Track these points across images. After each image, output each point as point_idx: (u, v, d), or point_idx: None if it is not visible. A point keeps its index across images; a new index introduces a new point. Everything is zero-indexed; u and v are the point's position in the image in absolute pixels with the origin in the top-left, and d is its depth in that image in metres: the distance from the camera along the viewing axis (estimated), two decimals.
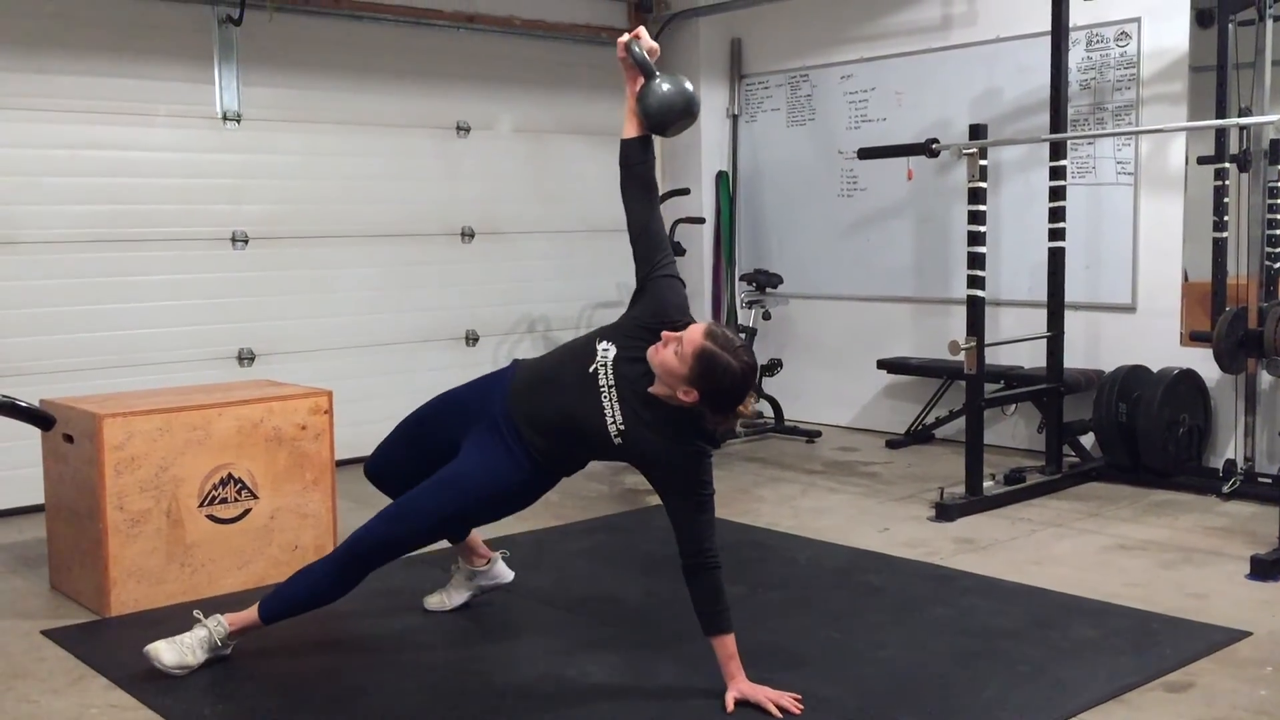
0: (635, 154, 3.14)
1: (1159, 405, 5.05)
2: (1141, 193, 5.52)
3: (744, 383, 2.90)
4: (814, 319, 6.93)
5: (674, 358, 2.87)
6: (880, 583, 3.92)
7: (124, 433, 3.69)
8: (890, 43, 6.43)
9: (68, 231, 5.20)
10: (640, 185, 3.16)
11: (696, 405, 2.89)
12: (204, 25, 5.56)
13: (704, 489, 2.97)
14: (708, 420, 2.94)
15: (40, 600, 3.92)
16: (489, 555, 3.71)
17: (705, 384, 2.86)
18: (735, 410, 2.93)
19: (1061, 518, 4.73)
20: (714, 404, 2.90)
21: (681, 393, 2.88)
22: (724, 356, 2.84)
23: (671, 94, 3.07)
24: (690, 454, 2.96)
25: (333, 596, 3.22)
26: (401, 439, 3.43)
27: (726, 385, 2.87)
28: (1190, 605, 3.63)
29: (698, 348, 2.84)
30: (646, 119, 3.10)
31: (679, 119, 3.11)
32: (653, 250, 3.14)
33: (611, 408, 3.03)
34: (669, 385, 2.91)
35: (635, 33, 3.14)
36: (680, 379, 2.87)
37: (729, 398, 2.90)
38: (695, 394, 2.87)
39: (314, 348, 5.93)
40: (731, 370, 2.85)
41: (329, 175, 5.97)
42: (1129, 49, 5.50)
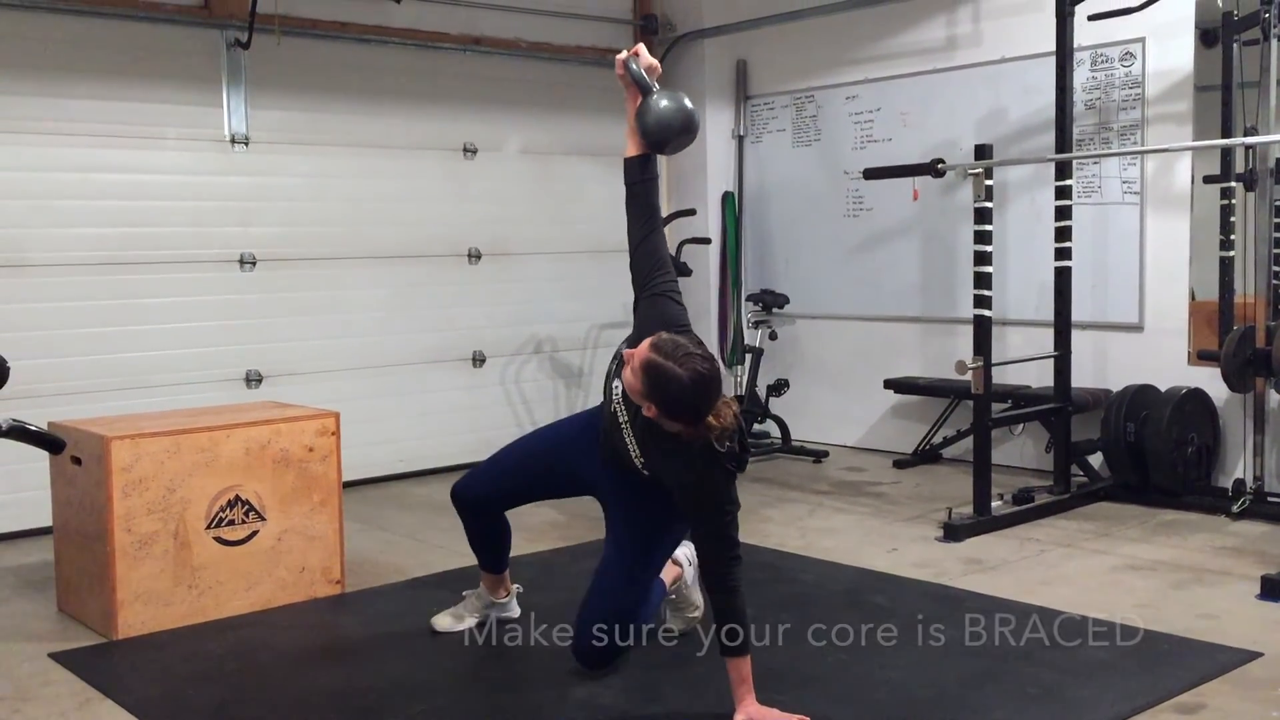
0: (636, 173, 3.14)
1: (1167, 424, 5.03)
2: (1148, 212, 5.52)
3: (694, 390, 2.77)
4: (820, 339, 6.93)
5: (631, 376, 2.85)
6: (888, 603, 3.91)
7: (132, 455, 3.70)
8: (895, 63, 6.45)
9: (77, 254, 5.22)
10: (641, 204, 3.16)
11: (658, 419, 2.84)
12: (212, 49, 5.60)
13: (723, 508, 2.90)
14: (682, 434, 2.86)
15: (48, 623, 3.92)
16: (510, 590, 3.73)
17: (656, 396, 2.80)
18: (700, 419, 2.80)
19: (1070, 538, 4.72)
20: (670, 414, 2.82)
21: (645, 410, 2.85)
22: (668, 366, 2.76)
23: (669, 110, 3.06)
24: (703, 472, 2.87)
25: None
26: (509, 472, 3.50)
27: (674, 394, 2.77)
28: (1201, 626, 3.61)
29: (643, 360, 2.80)
30: (645, 136, 3.10)
31: (677, 136, 3.10)
32: (651, 270, 3.14)
33: (630, 441, 3.06)
34: (640, 405, 2.88)
35: (634, 50, 3.15)
36: (640, 396, 2.84)
37: (681, 406, 2.80)
38: (653, 408, 2.82)
39: (321, 369, 5.94)
40: (677, 378, 2.76)
41: (336, 197, 5.99)
42: (1134, 69, 5.51)
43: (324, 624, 3.90)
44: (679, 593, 3.54)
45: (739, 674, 2.91)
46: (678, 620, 3.56)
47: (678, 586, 3.54)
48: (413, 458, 6.11)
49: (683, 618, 3.56)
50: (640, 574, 3.24)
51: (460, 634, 3.66)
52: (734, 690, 2.92)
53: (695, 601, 3.55)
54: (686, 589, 3.54)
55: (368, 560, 4.56)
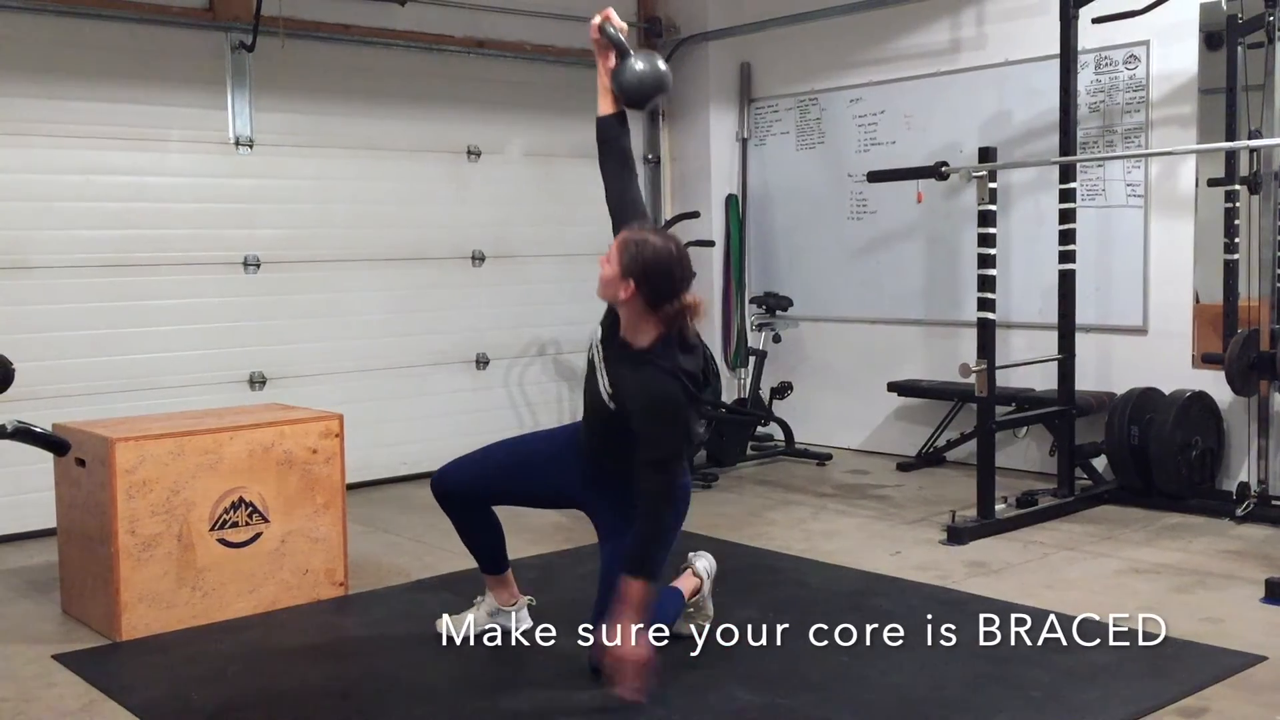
0: (613, 130, 3.31)
1: (1171, 428, 5.03)
2: (1152, 215, 5.52)
3: (669, 254, 2.96)
4: (824, 341, 6.93)
5: (606, 265, 3.01)
6: (892, 606, 3.90)
7: (136, 456, 3.70)
8: (899, 66, 6.45)
9: (81, 256, 5.23)
10: (619, 159, 3.31)
11: (633, 302, 2.97)
12: (217, 51, 5.60)
13: (673, 437, 2.99)
14: (656, 335, 2.99)
15: (51, 625, 3.93)
16: (518, 597, 3.67)
17: (635, 268, 2.95)
18: (678, 292, 2.98)
19: (1074, 541, 4.71)
20: (652, 288, 2.96)
21: (623, 292, 2.97)
22: (645, 235, 2.99)
23: (648, 71, 3.25)
24: (662, 389, 2.97)
25: None
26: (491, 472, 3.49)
27: (650, 257, 2.95)
28: (1204, 629, 3.60)
29: (620, 240, 3.00)
30: (623, 94, 3.27)
31: (654, 93, 3.29)
32: (633, 218, 3.23)
33: (602, 378, 3.16)
34: (613, 296, 3.00)
35: (605, 14, 3.30)
36: (617, 279, 2.98)
37: (660, 272, 2.96)
38: (632, 285, 2.96)
39: (325, 371, 5.94)
40: (654, 242, 2.97)
41: (340, 199, 6.00)
42: (1138, 72, 5.51)
43: (327, 626, 3.90)
44: (697, 605, 3.55)
45: (626, 591, 2.94)
46: (690, 625, 3.54)
47: (697, 599, 3.55)
48: (416, 460, 6.11)
49: (694, 624, 3.54)
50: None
51: (465, 637, 3.64)
52: (616, 605, 2.94)
53: (707, 612, 3.57)
54: (704, 600, 3.56)
55: (371, 562, 4.57)
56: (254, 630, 3.80)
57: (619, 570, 3.09)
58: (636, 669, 2.91)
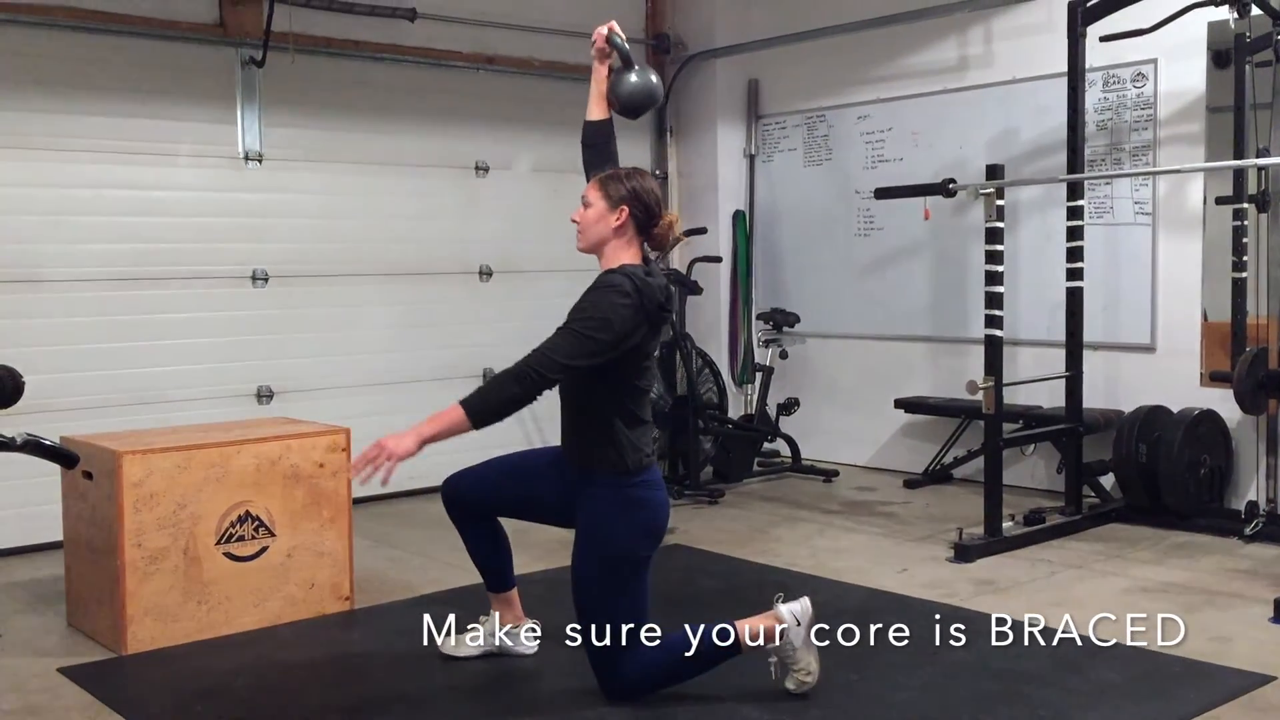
0: (603, 134, 3.45)
1: (1179, 446, 5.01)
2: (1160, 233, 5.51)
3: (646, 176, 3.21)
4: (831, 358, 6.92)
5: (584, 211, 3.19)
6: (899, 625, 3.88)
7: (143, 470, 3.70)
8: (907, 83, 6.47)
9: (90, 270, 5.25)
10: (605, 160, 3.42)
11: (632, 221, 3.14)
12: (227, 67, 5.63)
13: (585, 323, 3.04)
14: (653, 241, 3.19)
15: (57, 637, 3.93)
16: (522, 619, 3.63)
17: (625, 194, 3.14)
18: (661, 211, 3.18)
19: (1081, 559, 4.69)
20: (644, 207, 3.15)
21: (615, 220, 3.14)
22: (615, 171, 3.22)
23: (649, 85, 3.39)
24: (600, 283, 3.10)
25: None
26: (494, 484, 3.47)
27: (635, 182, 3.16)
28: (1213, 649, 3.58)
29: (595, 182, 3.20)
30: (619, 103, 3.40)
31: (648, 105, 3.45)
32: None
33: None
34: (603, 232, 3.16)
35: (611, 25, 3.41)
36: (605, 213, 3.16)
37: (647, 191, 3.16)
38: (625, 210, 3.15)
39: (332, 385, 5.95)
40: (630, 171, 3.21)
41: (349, 214, 6.02)
42: (1145, 90, 5.51)
43: (333, 640, 3.90)
44: (785, 652, 3.22)
45: (446, 410, 3.02)
46: (789, 680, 3.23)
47: (781, 646, 3.21)
48: (423, 475, 6.05)
49: (794, 678, 3.23)
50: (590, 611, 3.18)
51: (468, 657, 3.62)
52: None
53: (807, 665, 3.22)
54: (793, 649, 3.20)
55: (377, 577, 4.56)
56: (260, 645, 3.80)
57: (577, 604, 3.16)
58: (385, 456, 2.97)
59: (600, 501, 3.18)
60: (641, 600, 3.20)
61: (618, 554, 3.15)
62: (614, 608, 3.15)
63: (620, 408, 3.16)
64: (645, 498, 3.18)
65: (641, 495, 3.18)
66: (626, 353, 3.09)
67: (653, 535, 3.22)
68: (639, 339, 3.10)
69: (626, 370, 3.14)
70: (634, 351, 3.11)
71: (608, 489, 3.17)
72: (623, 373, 3.14)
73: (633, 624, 3.15)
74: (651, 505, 3.20)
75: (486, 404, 3.02)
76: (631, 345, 3.08)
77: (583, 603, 3.19)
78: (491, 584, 3.59)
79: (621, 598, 3.16)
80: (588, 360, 3.03)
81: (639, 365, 3.17)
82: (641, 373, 3.19)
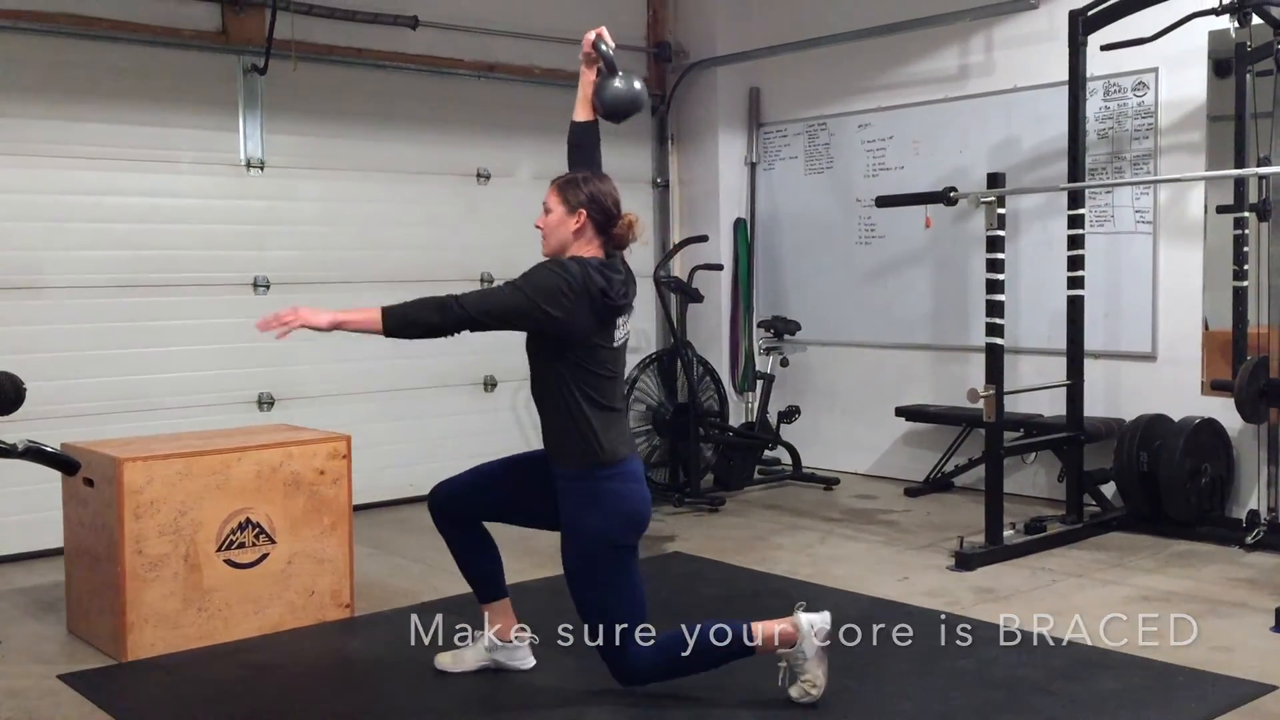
0: (589, 136, 3.51)
1: (1181, 454, 5.01)
2: (1161, 241, 5.52)
3: (604, 180, 3.30)
4: (832, 366, 6.92)
5: (545, 217, 3.29)
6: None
7: (144, 477, 3.70)
8: (908, 92, 6.47)
9: (92, 277, 5.25)
10: (589, 160, 3.49)
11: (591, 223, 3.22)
12: (229, 74, 5.64)
13: (519, 284, 3.17)
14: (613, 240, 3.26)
15: (57, 645, 3.92)
16: (515, 628, 3.58)
17: (582, 198, 3.22)
18: (619, 213, 3.26)
19: (1083, 568, 4.69)
20: (601, 210, 3.23)
21: (575, 223, 3.23)
22: (572, 175, 3.31)
23: (634, 92, 3.46)
24: (550, 263, 3.23)
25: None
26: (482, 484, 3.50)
27: (592, 187, 3.24)
28: (1214, 658, 3.58)
29: (554, 188, 3.29)
30: (604, 108, 3.46)
31: (631, 111, 3.50)
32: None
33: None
34: (564, 236, 3.25)
35: (599, 31, 3.45)
36: (564, 217, 3.24)
37: (604, 194, 3.25)
38: (583, 213, 3.23)
39: (333, 392, 5.95)
40: (586, 177, 3.29)
41: (350, 221, 6.02)
42: (1146, 99, 5.52)
43: (333, 648, 3.89)
44: (795, 660, 3.21)
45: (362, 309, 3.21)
46: (795, 688, 3.24)
47: (794, 653, 3.21)
48: (423, 481, 6.06)
49: (799, 687, 3.23)
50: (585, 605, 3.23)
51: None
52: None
53: (815, 678, 3.21)
54: (804, 659, 3.20)
55: (377, 584, 4.56)
56: (259, 652, 3.80)
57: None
58: (296, 318, 3.23)
59: (574, 494, 3.20)
60: (633, 591, 3.21)
61: (595, 545, 3.17)
62: (604, 599, 3.19)
63: (583, 396, 3.20)
64: (618, 490, 3.19)
65: (615, 487, 3.19)
66: (575, 341, 3.16)
67: (631, 523, 3.22)
68: (578, 322, 3.15)
69: (580, 358, 3.19)
70: (583, 340, 3.17)
71: (580, 481, 3.20)
72: (576, 360, 3.19)
73: (629, 614, 3.18)
74: (626, 496, 3.21)
75: (404, 317, 3.16)
76: (577, 332, 3.15)
77: (576, 596, 3.23)
78: (482, 594, 3.54)
79: (610, 589, 3.18)
80: (507, 316, 3.18)
81: (593, 355, 3.21)
82: (599, 362, 3.23)
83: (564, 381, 3.20)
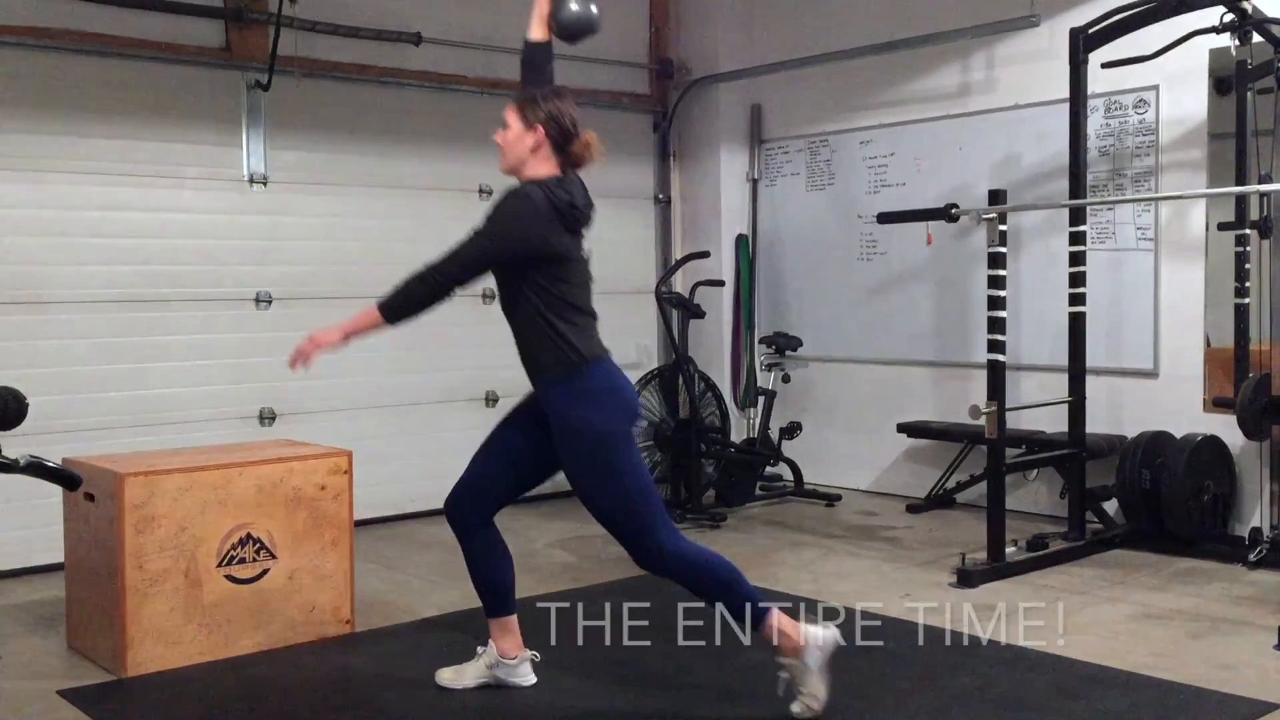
0: (542, 55, 3.56)
1: (1183, 472, 5.00)
2: (1162, 258, 5.52)
3: (562, 95, 3.31)
4: (834, 382, 6.92)
5: (504, 133, 3.29)
6: (902, 650, 3.87)
7: (145, 492, 3.70)
8: (909, 109, 6.49)
9: (95, 292, 5.26)
10: (542, 81, 3.52)
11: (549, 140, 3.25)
12: (233, 90, 5.66)
13: (486, 228, 3.21)
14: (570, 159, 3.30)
15: (57, 660, 3.91)
16: (520, 651, 3.55)
17: (540, 114, 3.24)
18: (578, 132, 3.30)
19: (1085, 585, 4.68)
20: (559, 127, 3.26)
21: (532, 140, 3.24)
22: (530, 92, 3.32)
23: (583, 11, 3.53)
24: (509, 196, 3.22)
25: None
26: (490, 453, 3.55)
27: (551, 104, 3.27)
28: (1218, 676, 3.57)
29: (511, 107, 3.30)
30: (558, 28, 3.51)
31: (586, 32, 3.56)
32: None
33: None
34: (521, 151, 3.26)
35: None
36: (522, 133, 3.26)
37: (561, 112, 3.27)
38: (540, 130, 3.25)
39: (335, 408, 5.95)
40: (545, 93, 3.31)
41: (352, 237, 6.03)
42: (1147, 116, 5.53)
43: (333, 664, 3.88)
44: (797, 670, 3.21)
45: (362, 311, 3.30)
46: (796, 702, 3.22)
47: (795, 664, 3.22)
48: (425, 497, 6.10)
49: (800, 701, 3.22)
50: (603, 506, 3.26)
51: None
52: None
53: (815, 692, 3.20)
54: (805, 671, 3.20)
55: (378, 600, 4.55)
56: (260, 667, 3.79)
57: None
58: (314, 345, 3.32)
59: (562, 398, 3.24)
60: (643, 477, 3.25)
61: (593, 439, 3.20)
62: (617, 489, 3.22)
63: (560, 305, 3.26)
64: (604, 384, 3.25)
65: (599, 383, 3.25)
66: (554, 258, 3.23)
67: (624, 411, 3.28)
68: (553, 241, 3.23)
69: (557, 272, 3.25)
70: (561, 255, 3.25)
71: (566, 384, 3.24)
72: (553, 274, 3.25)
73: (644, 498, 3.22)
74: (612, 388, 3.27)
75: (398, 303, 3.26)
76: (547, 249, 3.22)
77: (589, 498, 3.25)
78: (490, 607, 3.51)
79: (619, 478, 3.21)
80: (484, 262, 3.23)
81: (567, 267, 3.29)
82: (572, 272, 3.30)
83: (541, 292, 3.25)
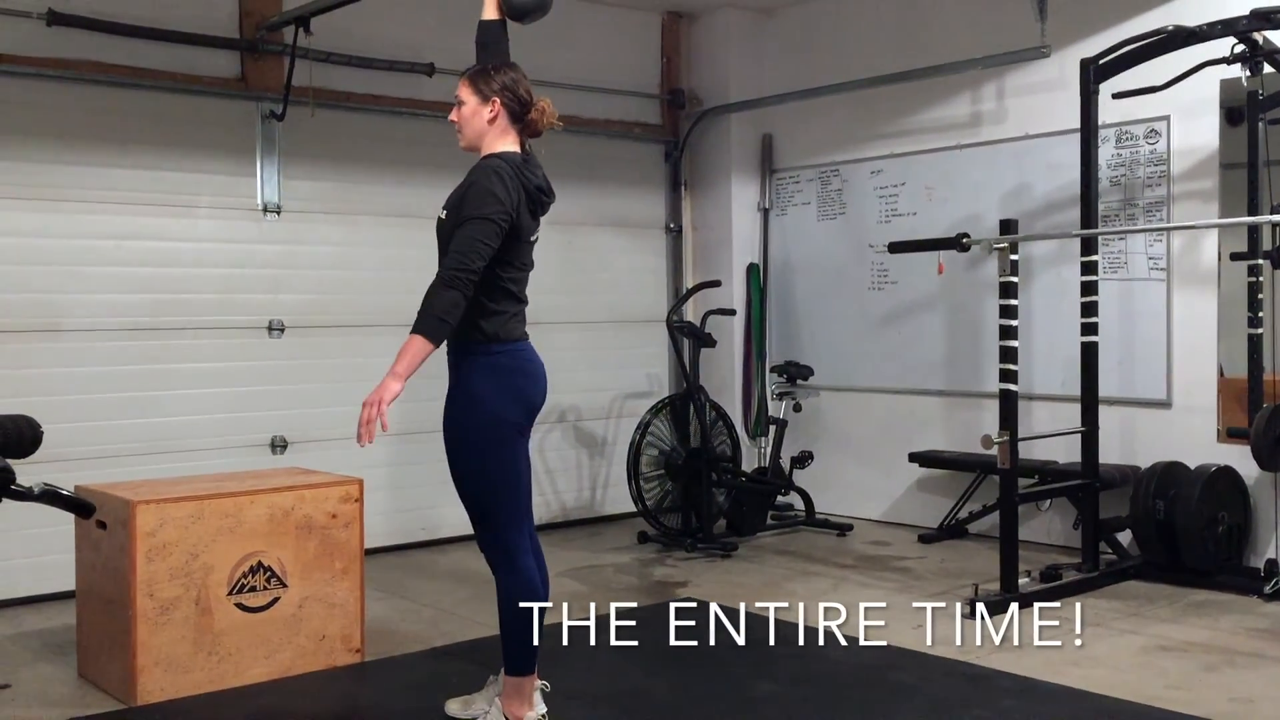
0: (495, 34, 3.56)
1: (1197, 502, 4.97)
2: (1174, 288, 5.51)
3: (514, 68, 3.34)
4: (845, 411, 6.91)
5: (459, 110, 3.31)
6: (914, 682, 3.85)
7: (157, 519, 3.71)
8: (920, 139, 6.51)
9: (109, 320, 5.28)
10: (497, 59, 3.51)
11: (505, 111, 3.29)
12: (248, 120, 5.71)
13: (477, 208, 3.18)
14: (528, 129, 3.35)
15: (68, 688, 3.91)
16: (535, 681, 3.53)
17: (494, 87, 3.27)
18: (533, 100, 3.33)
19: (1099, 617, 4.64)
20: (514, 98, 3.29)
21: (489, 113, 3.28)
22: (482, 67, 3.34)
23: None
24: (480, 171, 3.23)
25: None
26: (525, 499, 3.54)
27: (504, 77, 3.29)
28: (1235, 710, 3.53)
29: (464, 81, 3.32)
30: (510, 9, 3.52)
31: (536, 11, 3.57)
32: None
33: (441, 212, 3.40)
34: (480, 126, 3.29)
35: None
36: (478, 107, 3.29)
37: (515, 83, 3.31)
38: (496, 102, 3.29)
39: (347, 436, 5.90)
40: (497, 66, 3.33)
41: (365, 266, 6.06)
42: (1159, 146, 5.54)
43: (343, 694, 3.87)
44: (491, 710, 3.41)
45: (407, 345, 3.19)
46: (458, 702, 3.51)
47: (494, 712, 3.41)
48: (435, 526, 6.10)
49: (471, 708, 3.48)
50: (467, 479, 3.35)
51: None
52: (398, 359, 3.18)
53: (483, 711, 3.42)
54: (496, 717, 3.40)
55: (388, 629, 4.54)
56: (269, 696, 3.78)
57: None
58: (378, 409, 3.19)
59: (465, 369, 3.30)
60: (517, 477, 3.29)
61: (487, 417, 3.25)
62: (488, 484, 3.30)
63: (501, 287, 3.33)
64: (513, 365, 3.32)
65: (508, 362, 3.31)
66: (512, 232, 3.27)
67: (521, 401, 3.32)
68: (523, 216, 3.29)
69: (506, 254, 3.30)
70: (516, 230, 3.28)
71: (475, 356, 3.30)
72: (502, 256, 3.28)
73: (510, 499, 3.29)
74: (521, 371, 3.33)
75: (434, 319, 3.18)
76: (519, 221, 3.28)
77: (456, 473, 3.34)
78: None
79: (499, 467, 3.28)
80: (495, 242, 3.22)
81: (518, 249, 3.34)
82: (518, 255, 3.35)
83: (486, 272, 3.27)
